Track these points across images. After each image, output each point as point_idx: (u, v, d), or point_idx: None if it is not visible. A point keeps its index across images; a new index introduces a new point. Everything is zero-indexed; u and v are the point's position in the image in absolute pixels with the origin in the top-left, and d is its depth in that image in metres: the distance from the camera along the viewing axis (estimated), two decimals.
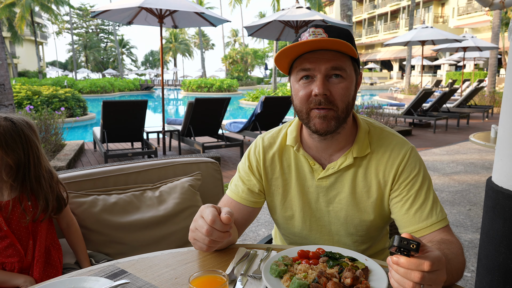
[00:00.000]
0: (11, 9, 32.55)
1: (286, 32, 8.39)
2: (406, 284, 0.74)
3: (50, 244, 1.43)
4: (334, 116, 1.03)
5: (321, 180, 1.14)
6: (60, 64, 65.06)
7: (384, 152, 1.11)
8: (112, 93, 27.45)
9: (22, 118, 1.36)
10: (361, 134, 1.12)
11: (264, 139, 1.23)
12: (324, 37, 0.99)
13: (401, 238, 0.74)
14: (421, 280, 0.73)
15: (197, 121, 6.43)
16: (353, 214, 1.14)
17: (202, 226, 0.95)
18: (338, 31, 1.02)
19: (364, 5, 47.07)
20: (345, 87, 1.02)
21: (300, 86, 1.04)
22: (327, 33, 1.01)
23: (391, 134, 1.15)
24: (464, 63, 15.98)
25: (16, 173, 1.32)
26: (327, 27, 1.02)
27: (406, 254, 0.74)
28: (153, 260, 1.03)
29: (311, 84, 1.03)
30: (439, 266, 0.75)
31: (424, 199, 1.07)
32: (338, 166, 1.11)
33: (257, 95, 17.00)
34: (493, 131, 4.00)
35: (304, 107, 1.05)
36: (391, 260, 0.76)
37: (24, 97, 9.87)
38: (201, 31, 45.62)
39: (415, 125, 10.30)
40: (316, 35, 1.00)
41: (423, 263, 0.73)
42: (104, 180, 1.65)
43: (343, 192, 1.13)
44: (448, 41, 10.94)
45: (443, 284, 0.87)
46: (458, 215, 3.75)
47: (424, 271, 0.73)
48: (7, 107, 5.60)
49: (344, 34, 1.02)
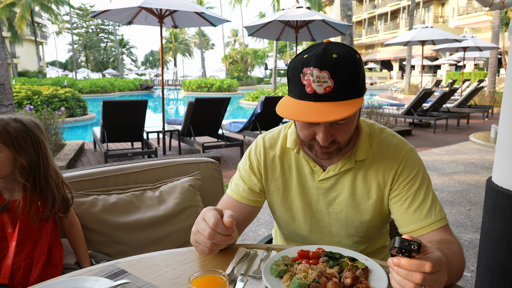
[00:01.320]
0: (11, 9, 32.54)
1: (286, 32, 8.39)
2: (407, 286, 0.74)
3: (52, 242, 1.44)
4: (337, 149, 1.04)
5: (322, 182, 1.14)
6: (60, 64, 65.07)
7: (384, 153, 1.12)
8: (112, 93, 27.45)
9: (31, 119, 1.38)
10: (363, 137, 1.12)
11: (265, 140, 1.23)
12: (330, 86, 0.90)
13: (402, 239, 0.74)
14: (423, 281, 0.73)
15: (197, 121, 6.43)
16: (353, 216, 1.15)
17: (204, 229, 0.95)
18: (346, 73, 0.91)
19: (364, 5, 47.06)
20: (349, 129, 1.01)
21: (304, 125, 1.02)
22: (333, 78, 0.90)
23: (391, 136, 1.16)
24: (464, 63, 15.98)
25: (29, 173, 1.35)
26: (333, 68, 0.90)
27: (407, 255, 0.74)
28: (153, 260, 1.03)
29: (314, 126, 1.00)
30: (440, 267, 0.75)
31: (423, 199, 1.07)
32: (339, 169, 1.12)
33: (257, 95, 17.00)
34: (493, 131, 4.00)
35: (306, 141, 1.04)
36: (392, 262, 0.76)
37: (24, 97, 9.87)
38: (201, 31, 45.62)
39: (415, 125, 10.30)
40: (321, 83, 0.90)
41: (424, 264, 0.73)
42: (104, 180, 1.65)
43: (343, 194, 1.14)
44: (448, 41, 10.94)
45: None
46: (458, 215, 3.75)
47: (425, 272, 0.73)
48: (7, 107, 5.60)
49: (352, 75, 0.92)
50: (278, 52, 37.55)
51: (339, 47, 0.95)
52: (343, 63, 0.91)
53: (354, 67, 0.92)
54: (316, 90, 0.91)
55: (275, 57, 23.92)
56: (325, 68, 0.90)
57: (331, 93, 0.91)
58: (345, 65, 0.91)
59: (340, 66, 0.91)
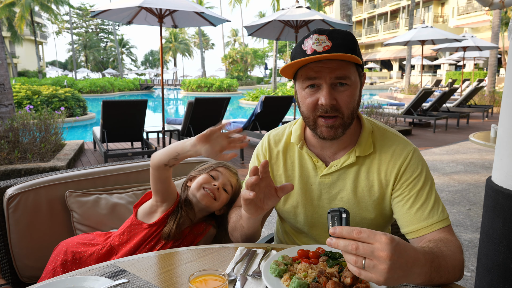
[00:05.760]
0: (10, 9, 32.51)
1: (286, 32, 8.39)
2: (349, 259, 0.76)
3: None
4: (341, 124, 1.06)
5: (324, 177, 1.16)
6: (60, 64, 65.02)
7: (387, 152, 1.13)
8: (112, 93, 27.43)
9: None
10: (365, 133, 1.13)
11: (270, 137, 1.26)
12: (328, 45, 0.99)
13: (331, 210, 0.80)
14: (355, 249, 0.74)
15: (197, 120, 6.43)
16: (354, 212, 1.15)
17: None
18: (342, 37, 1.01)
19: (364, 4, 47.05)
20: (350, 94, 1.04)
21: (306, 93, 1.06)
22: (331, 40, 0.99)
23: (394, 135, 1.17)
24: (464, 62, 15.97)
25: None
26: (331, 33, 1.01)
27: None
28: (153, 259, 1.03)
29: (317, 92, 1.04)
30: (375, 239, 0.74)
31: (426, 199, 1.07)
32: (341, 164, 1.13)
33: (257, 95, 16.99)
34: (493, 131, 4.00)
35: (311, 115, 1.06)
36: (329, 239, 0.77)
37: (24, 96, 9.86)
38: (201, 31, 45.60)
39: (415, 125, 10.30)
40: (320, 43, 0.99)
41: (353, 229, 0.75)
42: (104, 179, 1.65)
43: (345, 190, 1.15)
44: (448, 40, 10.93)
45: (440, 282, 0.87)
46: (458, 215, 3.75)
47: (356, 240, 0.74)
48: (6, 107, 5.60)
49: (348, 40, 1.02)
50: (278, 52, 37.53)
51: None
52: (339, 31, 1.02)
53: (349, 35, 1.03)
54: (315, 49, 0.99)
55: (275, 57, 23.92)
56: (323, 33, 1.01)
57: (330, 50, 0.99)
58: (341, 33, 1.02)
59: (337, 33, 1.02)
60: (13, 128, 5.03)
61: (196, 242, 1.34)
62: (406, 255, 0.77)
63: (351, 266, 0.76)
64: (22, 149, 4.98)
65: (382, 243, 0.73)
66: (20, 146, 4.99)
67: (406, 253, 0.77)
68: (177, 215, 1.29)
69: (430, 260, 0.84)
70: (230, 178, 1.36)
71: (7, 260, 1.45)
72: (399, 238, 0.77)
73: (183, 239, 1.32)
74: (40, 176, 1.53)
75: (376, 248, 0.73)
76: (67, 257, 1.28)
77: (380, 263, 0.73)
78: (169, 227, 1.27)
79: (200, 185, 1.31)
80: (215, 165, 1.38)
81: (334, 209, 0.80)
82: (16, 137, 5.02)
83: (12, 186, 1.45)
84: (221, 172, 1.36)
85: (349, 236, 0.75)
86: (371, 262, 0.74)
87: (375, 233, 0.75)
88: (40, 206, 1.47)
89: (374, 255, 0.73)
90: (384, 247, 0.73)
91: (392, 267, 0.73)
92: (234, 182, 1.37)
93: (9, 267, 1.45)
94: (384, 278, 0.74)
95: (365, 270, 0.75)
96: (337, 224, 0.79)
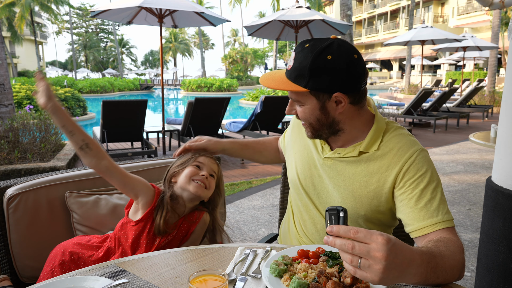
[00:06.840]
0: (10, 9, 32.54)
1: (286, 32, 8.40)
2: (345, 257, 0.76)
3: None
4: (311, 130, 1.17)
5: (326, 159, 1.21)
6: (60, 64, 65.04)
7: (391, 150, 1.14)
8: (112, 93, 27.43)
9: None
10: (374, 132, 1.16)
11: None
12: (291, 65, 1.09)
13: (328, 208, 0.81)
14: (352, 248, 0.74)
15: (197, 120, 6.43)
16: (347, 200, 1.18)
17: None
18: (300, 60, 1.06)
19: (364, 4, 47.05)
20: (303, 111, 1.14)
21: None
22: (294, 61, 1.09)
23: (403, 135, 1.18)
24: (464, 62, 15.97)
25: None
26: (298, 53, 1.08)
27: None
28: (153, 259, 1.03)
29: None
30: (372, 240, 0.74)
31: (430, 198, 1.07)
32: (343, 154, 1.17)
33: (257, 95, 16.99)
34: (493, 131, 4.00)
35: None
36: (326, 231, 0.78)
37: (24, 96, 9.86)
38: (201, 31, 45.61)
39: (415, 125, 10.30)
40: (291, 60, 1.10)
41: (350, 229, 0.75)
42: (104, 180, 1.64)
43: (343, 176, 1.18)
44: (448, 40, 10.94)
45: (437, 282, 0.87)
46: (458, 215, 3.75)
47: (352, 239, 0.75)
48: (6, 107, 5.60)
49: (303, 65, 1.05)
50: (278, 52, 37.55)
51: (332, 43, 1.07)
52: (306, 51, 1.06)
53: (307, 59, 1.05)
54: (287, 64, 1.13)
55: (275, 57, 23.94)
56: (296, 50, 1.10)
57: (289, 71, 1.10)
58: (305, 54, 1.06)
59: (300, 54, 1.07)
60: (13, 128, 5.03)
61: (192, 230, 1.36)
62: (402, 256, 0.77)
63: (347, 265, 0.77)
64: (22, 149, 4.98)
65: (378, 244, 0.74)
66: (20, 146, 4.99)
67: (402, 253, 0.77)
68: (163, 211, 1.30)
69: (427, 261, 0.84)
70: (211, 165, 1.40)
71: (7, 260, 1.45)
72: (395, 238, 0.78)
73: (178, 229, 1.33)
74: (40, 176, 1.52)
75: (372, 248, 0.74)
76: (64, 257, 1.28)
77: (376, 263, 0.74)
78: (156, 223, 1.29)
79: (189, 178, 1.33)
80: (195, 156, 1.40)
81: (332, 208, 0.80)
82: (16, 137, 5.02)
83: (12, 186, 1.45)
84: (202, 161, 1.39)
85: (346, 235, 0.76)
86: (366, 262, 0.74)
87: (371, 233, 0.75)
88: (40, 206, 1.47)
89: (369, 255, 0.74)
90: (380, 247, 0.74)
91: (387, 268, 0.74)
92: (215, 168, 1.41)
93: (9, 267, 1.45)
94: (379, 278, 0.74)
95: (360, 270, 0.75)
96: (334, 222, 0.80)
